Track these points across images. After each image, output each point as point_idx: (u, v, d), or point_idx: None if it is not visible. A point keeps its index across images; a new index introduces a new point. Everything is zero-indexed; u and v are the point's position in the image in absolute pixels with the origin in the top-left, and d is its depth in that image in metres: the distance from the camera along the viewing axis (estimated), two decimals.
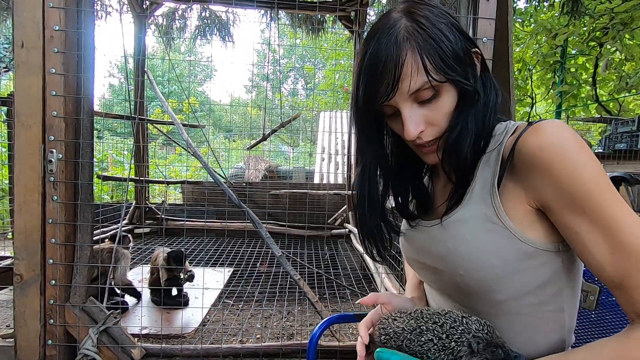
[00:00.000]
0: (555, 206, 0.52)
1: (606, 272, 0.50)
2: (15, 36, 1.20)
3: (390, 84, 0.54)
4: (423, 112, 0.56)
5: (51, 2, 1.20)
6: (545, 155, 0.51)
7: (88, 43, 1.26)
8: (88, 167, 1.30)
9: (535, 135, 0.52)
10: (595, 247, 0.50)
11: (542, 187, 0.52)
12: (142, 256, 3.33)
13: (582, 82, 6.99)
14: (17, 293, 1.26)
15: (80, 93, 1.27)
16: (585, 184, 0.49)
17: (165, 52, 4.68)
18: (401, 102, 0.55)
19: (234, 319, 2.35)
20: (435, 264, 0.62)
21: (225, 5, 3.97)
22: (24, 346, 1.27)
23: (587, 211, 0.50)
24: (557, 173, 0.50)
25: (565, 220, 0.52)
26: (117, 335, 1.33)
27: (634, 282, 0.48)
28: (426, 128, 0.57)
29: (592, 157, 0.50)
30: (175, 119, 3.28)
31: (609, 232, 0.49)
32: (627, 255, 0.48)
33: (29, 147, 1.23)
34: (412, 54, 0.53)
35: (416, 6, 0.56)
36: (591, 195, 0.49)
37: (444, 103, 0.56)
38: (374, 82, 0.55)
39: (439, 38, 0.53)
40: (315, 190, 4.51)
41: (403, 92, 0.54)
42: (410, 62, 0.53)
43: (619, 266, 0.49)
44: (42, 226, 1.25)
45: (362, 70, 0.57)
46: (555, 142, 0.50)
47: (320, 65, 11.51)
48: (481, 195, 0.57)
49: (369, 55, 0.55)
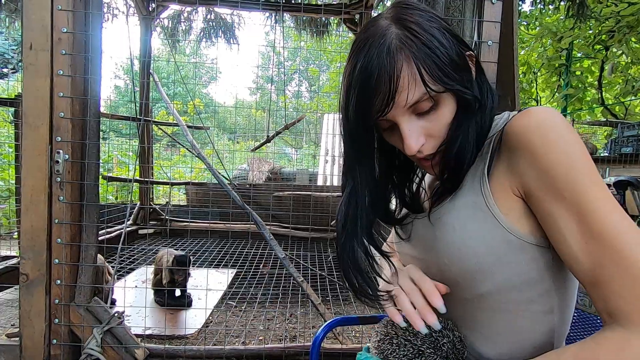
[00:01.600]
0: (535, 190, 0.50)
1: (580, 265, 0.47)
2: (24, 38, 1.21)
3: (385, 98, 0.50)
4: (422, 124, 0.54)
5: (59, 5, 1.22)
6: (528, 137, 0.49)
7: (95, 45, 1.27)
8: (94, 168, 1.31)
9: (522, 118, 0.51)
10: (570, 235, 0.47)
11: (524, 169, 0.50)
12: (146, 257, 3.34)
13: (588, 85, 6.96)
14: (23, 292, 1.27)
15: (87, 94, 1.28)
16: (565, 167, 0.47)
17: (170, 54, 4.72)
18: (399, 115, 0.53)
19: (236, 320, 2.35)
20: (422, 254, 0.62)
21: (230, 7, 3.99)
22: (29, 345, 1.28)
23: (565, 195, 0.47)
24: (539, 154, 0.48)
25: (543, 206, 0.49)
26: (121, 335, 1.33)
27: (606, 276, 0.44)
28: (426, 140, 0.55)
29: (577, 141, 0.48)
30: (180, 120, 3.30)
31: (585, 219, 0.45)
32: (601, 245, 0.44)
33: (36, 148, 1.24)
34: (407, 64, 0.50)
35: (405, 11, 0.53)
36: (571, 178, 0.46)
37: (443, 113, 0.53)
38: (368, 96, 0.51)
39: (434, 45, 0.50)
40: (318, 192, 4.52)
41: (400, 105, 0.51)
42: (406, 74, 0.50)
43: (592, 257, 0.45)
44: (48, 226, 1.26)
45: (352, 84, 0.52)
46: (540, 124, 0.49)
47: (324, 67, 11.53)
48: (472, 184, 0.56)
49: (360, 68, 0.51)
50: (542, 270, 0.53)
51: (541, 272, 0.53)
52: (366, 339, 1.99)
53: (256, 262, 3.32)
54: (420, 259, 0.63)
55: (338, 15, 3.80)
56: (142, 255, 3.37)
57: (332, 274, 3.05)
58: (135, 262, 3.18)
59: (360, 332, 2.09)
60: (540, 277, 0.54)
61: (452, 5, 1.38)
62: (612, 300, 0.44)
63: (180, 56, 9.22)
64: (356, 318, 1.10)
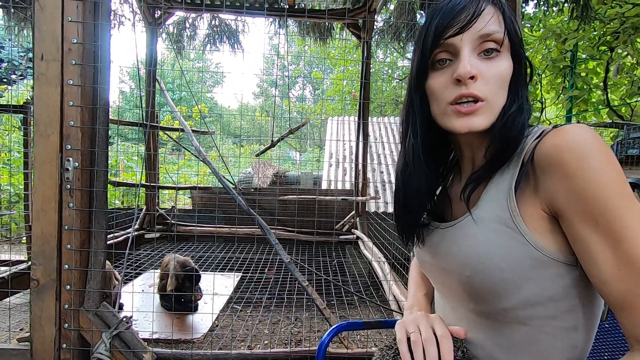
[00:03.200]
0: (567, 212, 0.49)
1: (611, 289, 0.47)
2: (36, 49, 1.24)
3: (468, 17, 0.55)
4: (481, 64, 0.56)
5: (69, 16, 1.25)
6: (561, 157, 0.49)
7: (104, 55, 1.30)
8: (103, 175, 1.34)
9: (555, 136, 0.51)
10: (602, 259, 0.47)
11: (556, 190, 0.50)
12: (152, 261, 3.37)
13: (593, 86, 6.91)
14: (33, 297, 1.29)
15: (97, 103, 1.31)
16: (600, 190, 0.46)
17: (175, 59, 4.77)
18: (467, 41, 0.56)
19: (242, 324, 2.36)
20: (444, 263, 0.62)
21: (235, 13, 4.04)
22: (39, 350, 1.30)
23: (598, 219, 0.47)
24: (572, 176, 0.48)
25: (576, 228, 0.49)
26: (129, 339, 1.35)
27: (637, 302, 0.45)
28: (478, 80, 0.55)
29: (612, 161, 0.47)
30: (186, 126, 3.33)
31: (620, 245, 0.46)
32: (635, 272, 0.45)
33: (47, 155, 1.27)
34: (493, 7, 0.57)
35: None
36: (605, 202, 0.46)
37: (501, 65, 0.56)
38: (451, 15, 0.56)
39: (508, 8, 0.58)
40: (323, 196, 4.53)
41: (475, 30, 0.55)
42: (489, 10, 0.56)
43: (624, 283, 0.46)
44: (59, 232, 1.29)
45: (438, 10, 0.58)
46: (573, 144, 0.48)
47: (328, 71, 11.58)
48: (496, 197, 0.56)
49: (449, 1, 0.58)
50: (568, 288, 0.53)
51: (567, 289, 0.53)
52: (371, 344, 2.00)
53: (261, 266, 3.34)
54: (441, 269, 0.64)
55: (342, 20, 3.83)
56: (148, 260, 3.40)
57: (337, 277, 3.06)
58: (141, 267, 3.21)
59: (366, 337, 2.09)
60: (565, 294, 0.53)
61: None
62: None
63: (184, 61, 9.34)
64: (361, 323, 1.11)
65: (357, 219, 4.05)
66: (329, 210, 4.31)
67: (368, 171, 4.59)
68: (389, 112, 10.38)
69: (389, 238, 3.40)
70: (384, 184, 6.24)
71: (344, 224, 4.16)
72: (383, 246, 3.49)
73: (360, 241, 3.75)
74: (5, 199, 5.72)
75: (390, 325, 1.51)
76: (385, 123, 8.49)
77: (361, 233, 3.84)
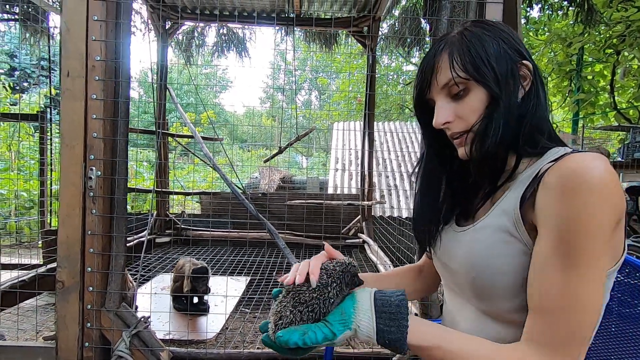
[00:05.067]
0: (543, 227, 0.54)
1: (537, 296, 0.54)
2: (62, 66, 1.34)
3: (427, 79, 0.66)
4: (454, 105, 0.64)
5: (93, 36, 1.34)
6: (564, 181, 0.52)
7: (125, 71, 1.39)
8: (123, 183, 1.42)
9: (569, 161, 0.54)
10: (549, 272, 0.53)
11: (545, 206, 0.54)
12: (164, 265, 3.46)
13: (600, 89, 6.90)
14: (59, 299, 1.38)
15: (118, 116, 1.40)
16: (579, 224, 0.50)
17: (183, 66, 4.90)
18: (435, 94, 0.66)
19: (251, 327, 2.43)
20: (453, 264, 0.69)
21: (246, 24, 4.15)
22: (64, 348, 1.38)
23: (564, 246, 0.52)
24: (563, 200, 0.51)
25: (542, 242, 0.54)
26: (147, 339, 1.43)
27: (550, 315, 0.53)
28: (455, 120, 0.64)
29: (606, 204, 0.50)
30: (196, 132, 3.43)
31: (567, 270, 0.51)
32: (563, 297, 0.52)
33: (72, 165, 1.36)
34: (445, 55, 0.64)
35: (473, 24, 0.66)
36: (576, 237, 0.51)
37: (472, 100, 0.62)
38: (420, 79, 0.68)
39: (474, 44, 0.62)
40: (329, 200, 4.60)
41: (435, 85, 0.65)
42: (441, 61, 0.64)
43: (549, 299, 0.53)
44: (82, 237, 1.37)
45: (417, 74, 0.70)
46: (581, 173, 0.51)
47: (333, 76, 11.68)
48: (506, 208, 0.62)
49: (421, 62, 0.69)
50: None
51: None
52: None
53: (269, 270, 3.41)
54: (450, 269, 0.70)
55: (347, 28, 3.91)
56: (160, 263, 3.49)
57: None
58: (153, 270, 3.30)
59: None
60: None
61: (457, 7, 1.48)
62: (544, 330, 0.53)
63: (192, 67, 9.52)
64: None
65: (363, 223, 4.11)
66: (335, 214, 4.37)
67: (374, 176, 4.64)
68: (395, 117, 10.43)
69: (395, 242, 3.45)
70: (389, 189, 6.29)
71: (350, 228, 4.22)
72: (389, 250, 3.54)
73: (366, 245, 3.81)
74: (22, 205, 5.87)
75: None
76: (391, 128, 8.54)
77: (367, 237, 3.90)
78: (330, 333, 0.55)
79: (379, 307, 0.56)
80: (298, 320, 0.57)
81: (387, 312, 0.56)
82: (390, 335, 0.55)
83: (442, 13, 1.49)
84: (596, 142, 7.59)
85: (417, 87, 0.69)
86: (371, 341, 0.56)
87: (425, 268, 0.88)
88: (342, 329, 0.55)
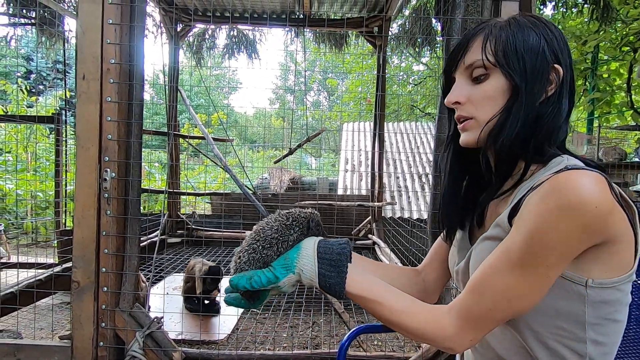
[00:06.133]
0: (514, 225, 0.57)
1: (477, 274, 0.59)
2: (78, 70, 1.36)
3: (457, 55, 0.66)
4: (470, 88, 0.64)
5: (108, 39, 1.36)
6: (545, 190, 0.54)
7: (139, 74, 1.41)
8: (137, 185, 1.44)
9: (561, 175, 0.54)
10: (493, 257, 0.57)
11: (525, 206, 0.56)
12: (175, 265, 3.49)
13: (616, 88, 6.74)
14: (74, 298, 1.40)
15: (132, 118, 1.42)
16: (540, 230, 0.52)
17: (194, 67, 4.95)
18: (459, 72, 0.66)
19: (261, 328, 2.44)
20: (464, 268, 0.69)
21: (258, 25, 4.17)
22: (79, 347, 1.40)
23: (518, 252, 0.54)
24: (536, 207, 0.54)
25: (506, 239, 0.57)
26: (160, 339, 1.44)
27: (474, 292, 0.58)
28: (465, 103, 0.64)
29: (572, 225, 0.51)
30: (207, 134, 3.46)
31: (509, 256, 0.55)
32: (481, 295, 0.57)
33: (87, 167, 1.38)
34: (480, 38, 0.63)
35: (524, 15, 0.65)
36: (530, 240, 0.53)
37: (490, 87, 0.62)
38: (452, 53, 0.67)
39: (510, 34, 0.61)
40: (340, 201, 4.58)
41: (462, 64, 0.65)
42: (476, 41, 0.64)
43: (486, 279, 0.57)
44: (97, 238, 1.39)
45: (453, 48, 0.70)
46: (560, 187, 0.52)
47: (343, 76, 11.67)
48: (500, 220, 0.62)
49: (462, 36, 0.71)
50: (572, 301, 0.56)
51: (571, 302, 0.56)
52: (389, 347, 2.03)
53: None
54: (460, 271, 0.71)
55: (358, 28, 3.90)
56: (171, 264, 3.52)
57: None
58: (164, 270, 3.33)
59: (383, 341, 2.13)
60: (570, 308, 0.57)
61: (471, 6, 1.45)
62: (469, 307, 0.58)
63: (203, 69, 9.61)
64: (380, 326, 1.16)
65: (374, 224, 4.08)
66: (345, 215, 4.36)
67: (384, 176, 4.62)
68: (405, 117, 10.36)
69: (405, 243, 3.42)
70: (399, 190, 6.24)
71: (360, 230, 4.20)
72: (399, 251, 3.51)
73: (376, 246, 3.78)
74: (38, 205, 6.00)
75: None
76: (401, 128, 8.48)
77: (377, 238, 3.87)
78: (273, 277, 0.61)
79: (321, 254, 0.62)
80: (253, 256, 0.63)
81: (329, 259, 0.61)
82: (331, 279, 0.60)
83: (456, 12, 1.47)
84: (612, 142, 7.41)
85: (446, 62, 0.69)
86: (314, 284, 0.61)
87: (424, 273, 0.85)
88: (285, 273, 0.61)
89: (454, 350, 0.60)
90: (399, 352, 1.74)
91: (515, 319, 0.60)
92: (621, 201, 0.54)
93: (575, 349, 0.58)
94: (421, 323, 0.60)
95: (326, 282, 0.60)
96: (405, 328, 0.60)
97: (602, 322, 0.57)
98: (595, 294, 0.55)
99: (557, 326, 0.58)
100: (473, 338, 0.58)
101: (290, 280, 0.62)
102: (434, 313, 0.61)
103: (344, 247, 0.63)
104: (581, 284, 0.55)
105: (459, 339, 0.58)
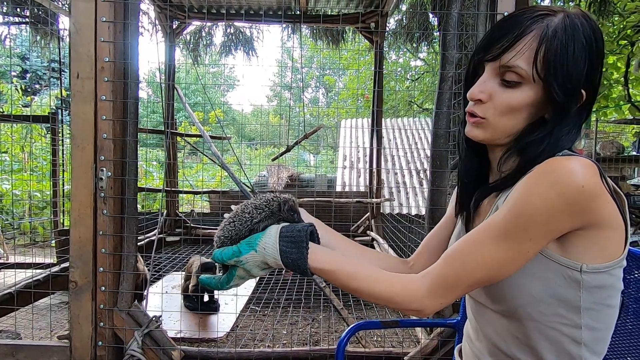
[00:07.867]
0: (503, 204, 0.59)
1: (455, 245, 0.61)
2: (72, 68, 1.35)
3: (500, 48, 0.58)
4: (496, 89, 0.60)
5: (102, 37, 1.35)
6: (533, 172, 0.56)
7: (133, 72, 1.40)
8: (133, 184, 1.43)
9: (551, 159, 0.56)
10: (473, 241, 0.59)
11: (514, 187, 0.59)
12: (174, 263, 3.49)
13: (614, 82, 6.74)
14: (72, 298, 1.39)
15: (127, 117, 1.41)
16: (525, 207, 0.54)
17: (190, 65, 4.93)
18: (489, 67, 0.60)
19: (261, 325, 2.44)
20: None
21: (253, 22, 4.14)
22: (78, 347, 1.40)
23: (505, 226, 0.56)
24: (523, 184, 0.56)
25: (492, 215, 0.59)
26: (159, 338, 1.44)
27: (450, 258, 0.60)
28: (486, 103, 0.61)
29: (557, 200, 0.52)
30: (204, 132, 3.44)
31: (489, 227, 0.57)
32: (459, 255, 0.59)
33: (83, 166, 1.37)
34: (535, 38, 0.56)
35: (583, 17, 0.58)
36: (511, 210, 0.55)
37: (520, 97, 0.58)
38: (494, 37, 0.60)
39: (561, 47, 0.55)
40: (338, 198, 4.58)
41: (501, 61, 0.58)
42: (526, 40, 0.56)
43: (461, 244, 0.60)
44: (94, 238, 1.39)
45: (496, 24, 0.63)
46: (548, 166, 0.55)
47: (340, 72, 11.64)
48: None
49: (511, 15, 0.60)
50: (570, 287, 0.57)
51: (569, 289, 0.57)
52: (388, 343, 2.04)
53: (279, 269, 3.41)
54: None
55: (355, 24, 3.88)
56: (170, 262, 3.52)
57: None
58: (163, 269, 3.33)
59: (382, 337, 2.13)
60: (568, 294, 0.58)
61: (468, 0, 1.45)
62: (443, 273, 0.60)
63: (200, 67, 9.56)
64: (378, 322, 1.16)
65: (372, 220, 4.09)
66: (344, 212, 4.36)
67: (382, 173, 4.61)
68: (402, 113, 10.35)
69: (404, 239, 3.43)
70: (398, 186, 6.25)
71: (359, 226, 4.20)
72: (398, 247, 3.52)
73: (375, 243, 3.79)
74: (35, 205, 5.98)
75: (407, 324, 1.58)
76: (399, 124, 8.48)
77: (376, 235, 3.88)
78: (237, 250, 0.65)
79: (282, 233, 0.65)
80: (226, 234, 0.69)
81: (289, 237, 0.64)
82: (292, 255, 0.63)
83: (452, 7, 1.46)
84: (610, 136, 7.43)
85: (485, 47, 0.61)
86: (279, 263, 0.64)
87: (414, 265, 0.84)
88: (248, 249, 0.65)
89: (422, 313, 0.62)
90: (397, 347, 1.74)
91: (517, 312, 0.61)
92: (611, 191, 0.56)
93: (571, 335, 0.59)
94: (388, 287, 0.62)
95: (288, 258, 0.63)
96: (373, 294, 0.62)
97: (597, 307, 0.59)
98: (590, 279, 0.57)
99: (557, 313, 0.59)
100: (443, 302, 0.61)
101: (255, 259, 0.64)
102: (401, 278, 0.63)
103: (305, 226, 0.66)
104: (576, 269, 0.57)
105: (429, 301, 0.60)
